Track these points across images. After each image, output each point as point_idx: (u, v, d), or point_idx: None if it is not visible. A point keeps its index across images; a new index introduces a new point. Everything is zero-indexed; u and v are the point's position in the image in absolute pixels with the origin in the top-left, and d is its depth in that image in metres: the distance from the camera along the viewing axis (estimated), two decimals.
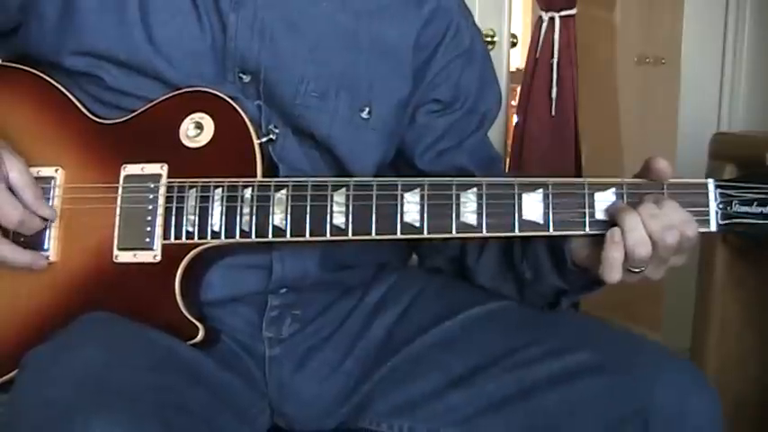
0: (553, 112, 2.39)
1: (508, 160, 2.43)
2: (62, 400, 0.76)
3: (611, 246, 0.87)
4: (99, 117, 1.01)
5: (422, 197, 0.92)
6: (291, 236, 0.93)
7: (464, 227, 0.91)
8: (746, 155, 1.57)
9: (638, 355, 0.93)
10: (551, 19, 2.38)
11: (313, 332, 1.08)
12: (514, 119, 2.50)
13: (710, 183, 0.90)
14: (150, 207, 0.96)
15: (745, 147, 1.64)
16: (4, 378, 0.94)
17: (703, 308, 1.71)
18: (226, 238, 0.94)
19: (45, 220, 0.96)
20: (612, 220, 0.89)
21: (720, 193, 0.90)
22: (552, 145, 2.39)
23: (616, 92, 3.04)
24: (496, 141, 1.54)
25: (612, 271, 0.88)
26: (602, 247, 0.88)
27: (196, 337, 0.94)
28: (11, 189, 0.93)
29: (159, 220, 0.95)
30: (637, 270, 0.89)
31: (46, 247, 0.97)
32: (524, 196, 0.91)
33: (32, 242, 0.96)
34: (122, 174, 0.97)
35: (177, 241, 0.95)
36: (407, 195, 0.92)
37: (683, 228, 0.88)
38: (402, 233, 0.92)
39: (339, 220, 0.93)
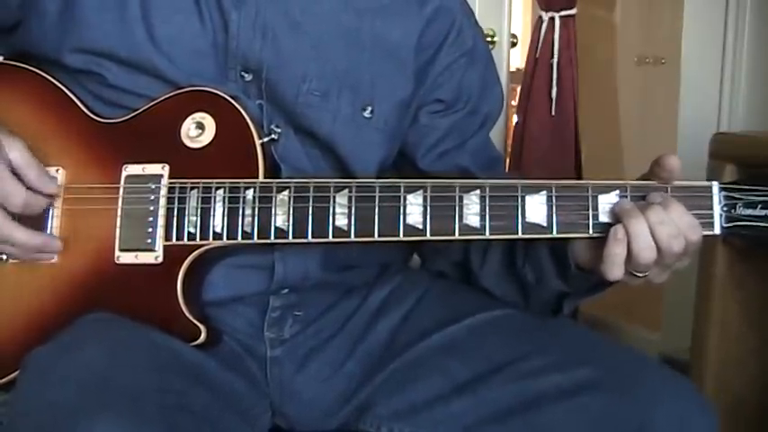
0: (553, 112, 2.39)
1: (508, 160, 2.43)
2: (65, 402, 0.76)
3: (614, 242, 0.87)
4: (100, 116, 1.01)
5: (424, 199, 0.92)
6: (294, 237, 0.93)
7: (467, 229, 0.91)
8: (746, 155, 1.57)
9: (640, 374, 0.93)
10: (551, 19, 2.39)
11: (314, 333, 1.08)
12: (514, 119, 2.50)
13: (714, 186, 0.90)
14: (151, 208, 0.96)
15: (745, 147, 1.64)
16: (6, 379, 0.94)
17: (703, 308, 1.71)
18: (227, 239, 0.94)
19: (50, 197, 0.95)
20: (617, 220, 0.89)
21: (725, 196, 0.89)
22: (552, 145, 2.40)
23: (616, 92, 3.05)
24: (496, 141, 1.53)
25: (614, 267, 0.88)
26: (604, 247, 0.88)
27: (198, 338, 0.94)
28: (13, 171, 0.92)
29: (161, 221, 0.95)
30: (640, 274, 0.89)
31: None
32: (527, 198, 0.91)
33: None
34: (123, 174, 0.97)
35: (179, 242, 0.95)
36: (410, 197, 0.92)
37: (688, 233, 0.88)
38: (405, 235, 0.92)
39: (341, 221, 0.93)
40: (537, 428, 0.92)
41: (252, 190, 0.94)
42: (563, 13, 2.38)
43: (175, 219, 0.95)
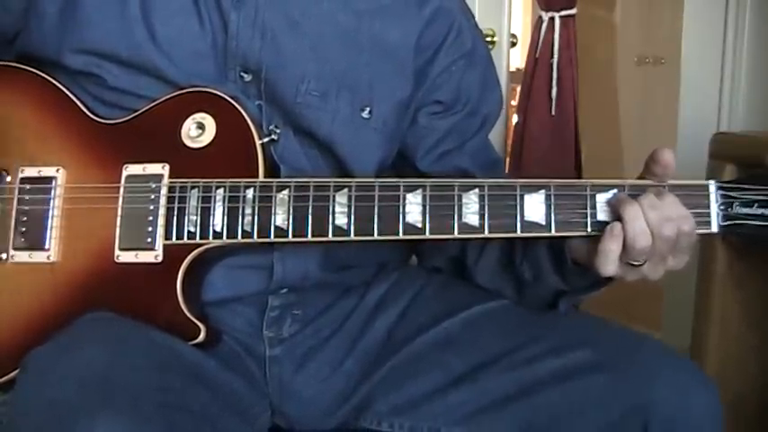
0: (553, 112, 2.39)
1: (508, 160, 2.43)
2: (65, 401, 0.76)
3: (610, 238, 0.88)
4: (100, 117, 1.01)
5: (424, 198, 0.92)
6: (293, 236, 0.93)
7: (466, 228, 0.91)
8: (746, 155, 1.57)
9: (639, 353, 0.94)
10: (551, 19, 2.39)
11: (313, 332, 1.08)
12: (514, 119, 2.50)
13: (712, 184, 0.90)
14: (152, 207, 0.96)
15: (745, 147, 1.64)
16: (5, 378, 0.94)
17: (703, 307, 1.71)
18: (227, 238, 0.94)
19: None
20: (614, 217, 0.89)
21: (722, 195, 0.90)
22: (552, 145, 2.40)
23: (616, 92, 3.05)
24: (496, 141, 1.54)
25: (608, 263, 0.88)
26: (599, 243, 0.88)
27: (198, 337, 0.94)
28: None
29: (161, 221, 0.95)
30: (636, 263, 0.89)
31: (47, 246, 0.97)
32: (526, 197, 0.91)
33: (33, 242, 0.97)
34: (124, 174, 0.97)
35: (179, 241, 0.95)
36: (409, 196, 0.92)
37: (681, 222, 0.88)
38: (404, 234, 0.92)
39: (341, 220, 0.93)
40: (537, 413, 0.93)
41: (252, 189, 0.94)
42: (563, 12, 2.39)
43: (175, 218, 0.95)
